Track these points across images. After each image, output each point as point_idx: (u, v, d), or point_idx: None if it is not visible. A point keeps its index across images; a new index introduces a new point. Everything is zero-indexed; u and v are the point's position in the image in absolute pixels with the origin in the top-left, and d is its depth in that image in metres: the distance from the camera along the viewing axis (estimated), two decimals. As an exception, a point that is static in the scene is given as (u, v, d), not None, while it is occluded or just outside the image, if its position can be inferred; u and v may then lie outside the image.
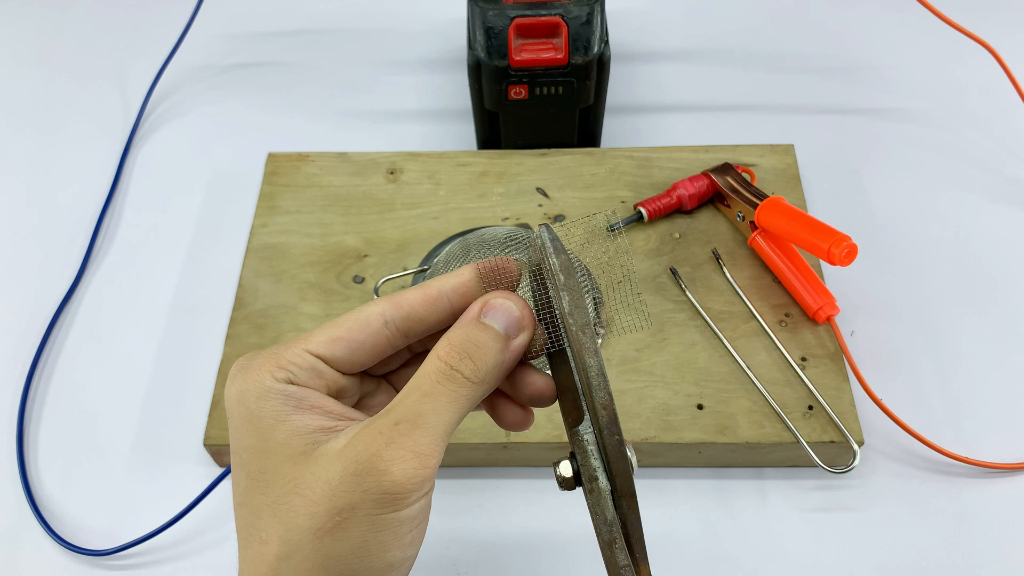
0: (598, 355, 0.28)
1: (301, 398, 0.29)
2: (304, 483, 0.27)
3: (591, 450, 0.29)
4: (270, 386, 0.29)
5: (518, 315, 0.30)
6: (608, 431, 0.27)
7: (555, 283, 0.29)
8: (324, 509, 0.27)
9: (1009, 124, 0.69)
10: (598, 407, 0.27)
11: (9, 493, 0.52)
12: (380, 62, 0.77)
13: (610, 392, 0.27)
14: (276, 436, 0.28)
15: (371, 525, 0.27)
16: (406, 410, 0.28)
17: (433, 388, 0.28)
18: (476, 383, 0.29)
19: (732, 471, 0.52)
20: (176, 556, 0.50)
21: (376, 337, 0.30)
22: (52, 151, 0.71)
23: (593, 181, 0.62)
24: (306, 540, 0.27)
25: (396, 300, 0.31)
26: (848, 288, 0.58)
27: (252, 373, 0.29)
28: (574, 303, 0.28)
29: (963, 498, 0.50)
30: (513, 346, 0.30)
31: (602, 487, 0.28)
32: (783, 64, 0.75)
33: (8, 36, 0.81)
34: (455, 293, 0.31)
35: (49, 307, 0.60)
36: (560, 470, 0.29)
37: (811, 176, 0.65)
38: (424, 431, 0.27)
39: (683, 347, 0.53)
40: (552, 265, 0.29)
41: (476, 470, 0.52)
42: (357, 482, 0.27)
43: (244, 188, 0.65)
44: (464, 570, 0.49)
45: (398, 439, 0.27)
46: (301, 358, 0.29)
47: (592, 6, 0.56)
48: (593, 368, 0.27)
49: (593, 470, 0.28)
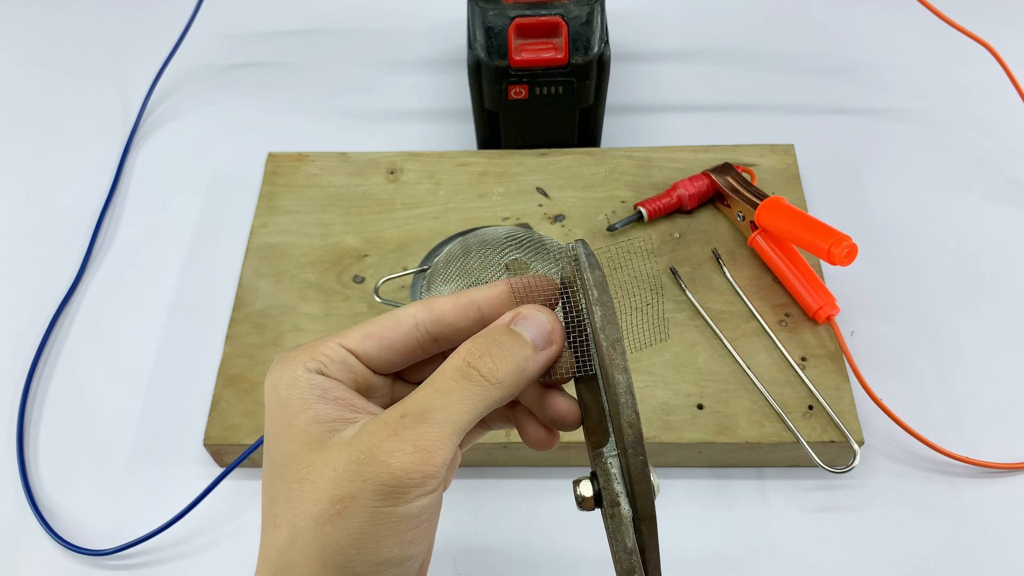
0: (627, 372, 0.27)
1: (327, 388, 0.29)
2: (315, 470, 0.28)
3: (614, 474, 0.28)
4: (300, 375, 0.30)
5: (548, 328, 0.30)
6: (633, 450, 0.27)
7: (588, 297, 0.29)
8: (327, 496, 0.27)
9: (1009, 124, 0.69)
10: (624, 425, 0.27)
11: (9, 493, 0.52)
12: (380, 62, 0.77)
13: (637, 411, 0.27)
14: (298, 422, 0.29)
15: (369, 517, 0.27)
16: (414, 404, 0.28)
17: (446, 384, 0.28)
18: (492, 384, 0.29)
19: (732, 471, 0.52)
20: (176, 556, 0.50)
21: (406, 338, 0.31)
22: (52, 151, 0.71)
23: (593, 181, 0.62)
24: (309, 526, 0.27)
25: (428, 304, 0.31)
26: (848, 288, 0.58)
27: (288, 363, 0.30)
28: (606, 318, 0.28)
29: (963, 498, 0.50)
30: (538, 358, 0.30)
31: (624, 513, 0.28)
32: (783, 64, 0.75)
33: (8, 36, 0.81)
34: (487, 303, 0.31)
35: (49, 307, 0.60)
36: (580, 490, 0.29)
37: (811, 176, 0.65)
38: (429, 426, 0.27)
39: (683, 347, 0.53)
40: (587, 279, 0.29)
41: (476, 470, 0.52)
42: (358, 471, 0.27)
43: (244, 188, 0.65)
44: (464, 570, 0.49)
45: (401, 431, 0.27)
46: (334, 351, 0.30)
47: (592, 6, 0.56)
48: (621, 385, 0.27)
49: (616, 495, 0.28)
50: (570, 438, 0.49)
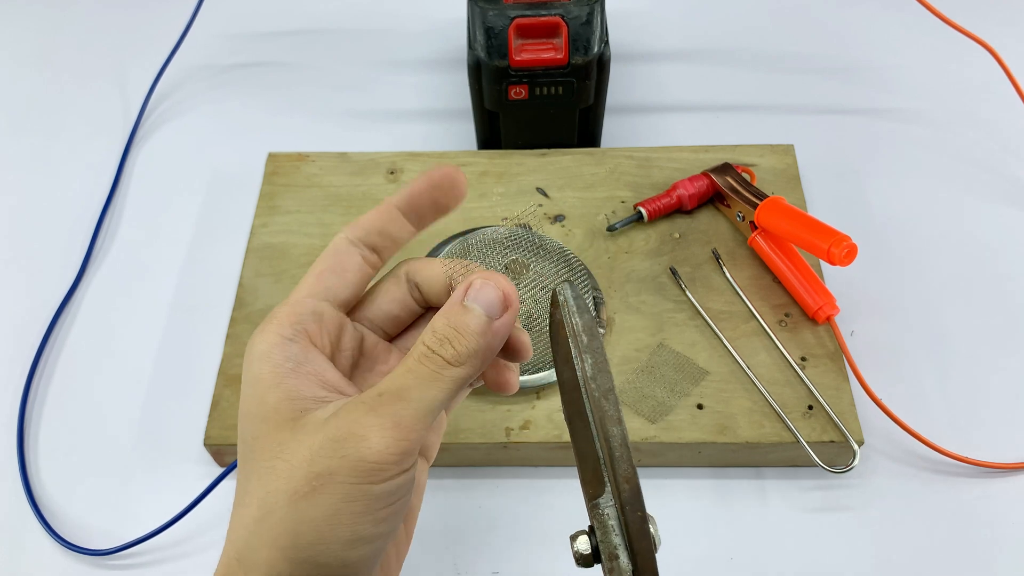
0: (621, 424, 0.27)
1: (300, 361, 0.30)
2: (288, 448, 0.28)
3: (612, 525, 0.27)
4: (272, 347, 0.30)
5: (499, 295, 0.30)
6: (631, 507, 0.26)
7: (577, 344, 0.29)
8: (302, 473, 0.27)
9: (1009, 124, 0.69)
10: (620, 481, 0.26)
11: (9, 493, 0.52)
12: (380, 62, 0.77)
13: (634, 464, 0.26)
14: (270, 399, 0.29)
15: (345, 494, 0.27)
16: (391, 383, 0.29)
17: (416, 367, 0.29)
18: (457, 366, 0.29)
19: (732, 471, 0.52)
20: (176, 556, 0.50)
21: (351, 260, 0.33)
22: (52, 151, 0.71)
23: (593, 181, 0.62)
24: (281, 503, 0.28)
25: (355, 222, 0.33)
26: (848, 288, 0.58)
27: (263, 332, 0.31)
28: (597, 367, 0.28)
29: (963, 498, 0.51)
30: (496, 327, 0.30)
31: (623, 567, 0.27)
32: (783, 64, 0.75)
33: (8, 36, 0.81)
34: (402, 202, 0.33)
35: (49, 307, 0.60)
36: (577, 546, 0.28)
37: (811, 176, 0.65)
38: (406, 403, 0.28)
39: (683, 347, 0.53)
40: (575, 325, 0.29)
41: (476, 470, 0.52)
42: (336, 448, 0.27)
43: (244, 188, 0.65)
44: (464, 570, 0.49)
45: (379, 408, 0.28)
46: (301, 304, 0.31)
47: (592, 6, 0.56)
48: (616, 438, 0.26)
49: (614, 547, 0.27)
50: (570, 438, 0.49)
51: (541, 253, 0.55)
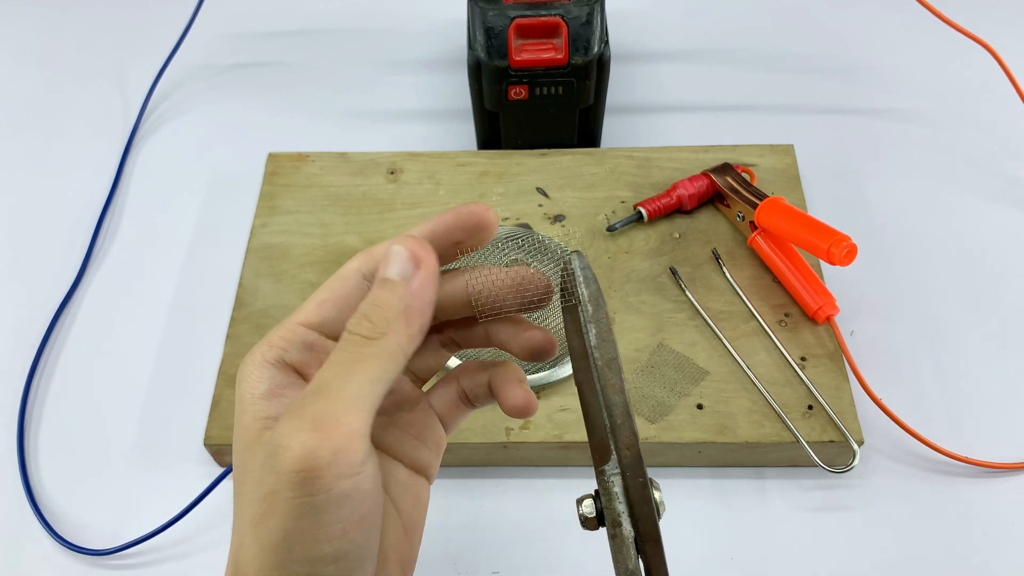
0: (624, 393, 0.27)
1: (276, 383, 0.29)
2: (249, 471, 0.27)
3: (616, 492, 0.27)
4: (253, 369, 0.29)
5: (407, 254, 0.28)
6: (632, 473, 0.26)
7: (583, 314, 0.28)
8: (256, 497, 0.26)
9: (1009, 124, 0.69)
10: (621, 447, 0.26)
11: (10, 493, 0.53)
12: (380, 62, 0.77)
13: (635, 431, 0.26)
14: (243, 420, 0.28)
15: (290, 511, 0.25)
16: (313, 382, 0.27)
17: (337, 356, 0.27)
18: (378, 338, 0.27)
19: (732, 471, 0.52)
20: (176, 556, 0.50)
21: (358, 291, 0.30)
22: (52, 151, 0.71)
23: (593, 181, 0.62)
24: (248, 530, 0.26)
25: (368, 252, 0.30)
26: (848, 288, 0.58)
27: (248, 355, 0.29)
28: (601, 336, 0.28)
29: (963, 498, 0.51)
30: (414, 286, 0.28)
31: (625, 533, 0.27)
32: (783, 64, 0.75)
33: (8, 36, 0.81)
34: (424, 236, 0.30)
35: (49, 307, 0.60)
36: (583, 509, 0.28)
37: (811, 176, 0.65)
38: (328, 399, 0.25)
39: (683, 347, 0.53)
40: (583, 295, 0.28)
41: (476, 470, 0.52)
42: (271, 464, 0.25)
43: (244, 188, 0.65)
44: (464, 570, 0.49)
45: (298, 411, 0.25)
46: (292, 332, 0.30)
47: (592, 6, 0.56)
48: (618, 407, 0.27)
49: (617, 515, 0.27)
50: (571, 438, 0.49)
51: (541, 253, 0.55)
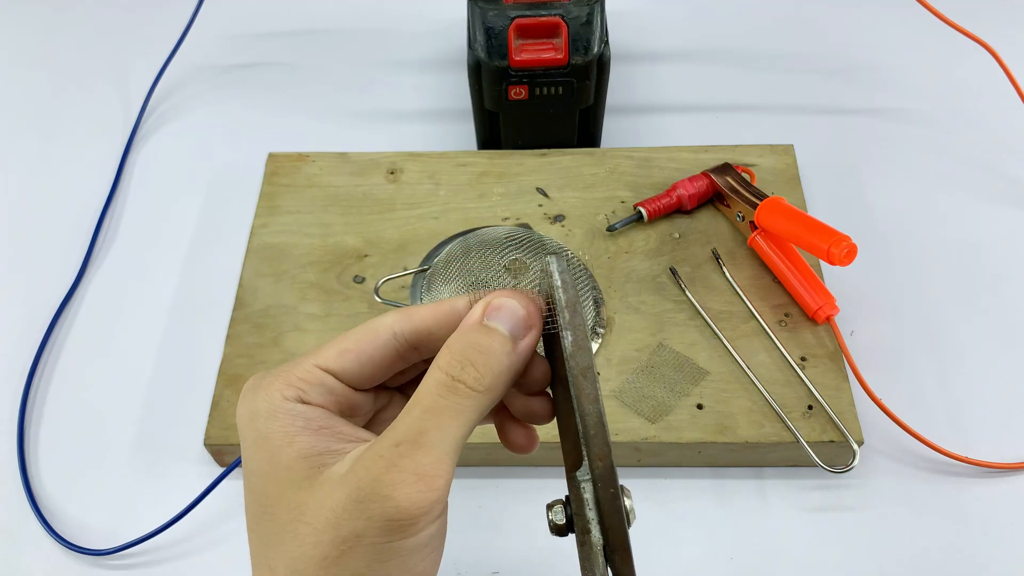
0: (598, 402, 0.26)
1: (310, 418, 0.28)
2: (309, 510, 0.26)
3: (587, 499, 0.27)
4: (279, 405, 0.28)
5: (523, 314, 0.28)
6: (603, 484, 0.26)
7: (560, 319, 0.28)
8: (329, 538, 0.26)
9: (1009, 124, 0.69)
10: (594, 459, 0.26)
11: (9, 493, 0.53)
12: (380, 62, 0.77)
13: (608, 443, 0.26)
14: (282, 459, 0.27)
15: (377, 554, 0.26)
16: (407, 429, 0.26)
17: (435, 402, 0.27)
18: (481, 392, 0.27)
19: (732, 471, 0.52)
20: (176, 556, 0.50)
21: (385, 349, 0.29)
22: (52, 151, 0.71)
23: (593, 181, 0.62)
24: (312, 569, 0.26)
25: (407, 312, 0.30)
26: (848, 288, 0.58)
27: (262, 392, 0.28)
28: (577, 344, 0.27)
29: (963, 498, 0.51)
30: (520, 348, 0.28)
31: (594, 541, 0.26)
32: (783, 64, 0.75)
33: (8, 36, 0.81)
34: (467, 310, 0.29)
35: (49, 307, 0.60)
36: (552, 516, 0.28)
37: (811, 176, 0.65)
38: (428, 450, 0.26)
39: (683, 347, 0.53)
40: (559, 300, 0.28)
41: (476, 470, 0.52)
42: (360, 509, 0.25)
43: (244, 188, 0.65)
44: (464, 570, 0.49)
45: (399, 461, 0.26)
46: (311, 374, 0.29)
47: (592, 6, 0.56)
48: (591, 416, 0.26)
49: (587, 522, 0.26)
50: (570, 438, 0.49)
51: (541, 253, 0.55)
